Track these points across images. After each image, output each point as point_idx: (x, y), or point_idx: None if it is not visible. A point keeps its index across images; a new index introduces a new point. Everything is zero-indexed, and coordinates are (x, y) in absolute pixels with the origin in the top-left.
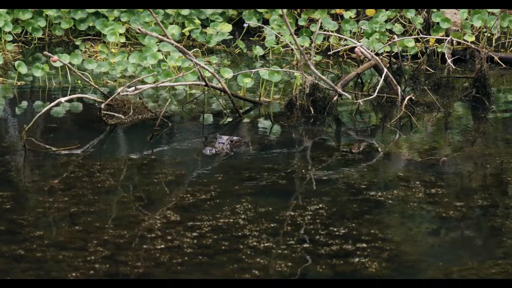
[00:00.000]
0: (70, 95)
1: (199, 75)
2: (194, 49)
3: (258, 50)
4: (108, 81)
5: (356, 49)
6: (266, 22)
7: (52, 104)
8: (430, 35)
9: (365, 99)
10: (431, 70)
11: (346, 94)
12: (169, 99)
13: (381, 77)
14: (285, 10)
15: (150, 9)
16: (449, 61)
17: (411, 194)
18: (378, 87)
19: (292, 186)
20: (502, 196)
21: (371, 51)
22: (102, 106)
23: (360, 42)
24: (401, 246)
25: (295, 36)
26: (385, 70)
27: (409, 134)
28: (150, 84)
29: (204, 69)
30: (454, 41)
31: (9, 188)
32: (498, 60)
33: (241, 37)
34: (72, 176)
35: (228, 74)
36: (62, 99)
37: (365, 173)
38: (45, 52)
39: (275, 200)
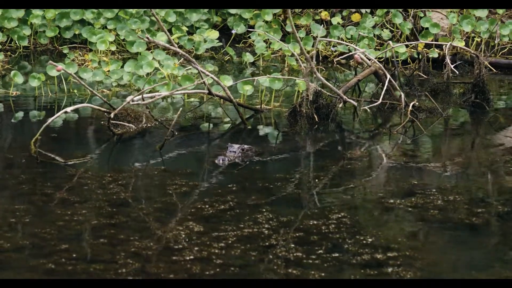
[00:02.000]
0: (67, 104)
1: (204, 84)
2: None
3: (248, 57)
4: (104, 90)
5: (355, 56)
6: (251, 28)
7: (58, 114)
8: (418, 40)
9: (370, 105)
10: (423, 75)
11: (352, 101)
12: (181, 108)
13: (383, 83)
14: (291, 17)
15: (157, 18)
16: (451, 66)
17: (429, 202)
18: (382, 93)
19: (308, 195)
20: None
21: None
22: (112, 115)
23: (360, 48)
24: (432, 255)
25: (301, 43)
26: (388, 76)
27: (417, 140)
28: (160, 93)
29: (209, 77)
30: (443, 47)
31: (24, 201)
32: (488, 65)
33: (228, 44)
34: (86, 188)
35: (228, 81)
36: (68, 109)
37: (379, 181)
38: (50, 62)
39: (295, 209)
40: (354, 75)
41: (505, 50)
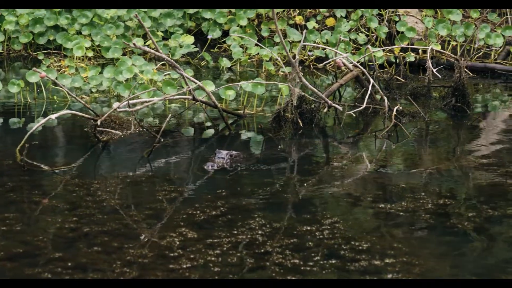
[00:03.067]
0: (47, 111)
1: (188, 89)
2: (161, 62)
3: (225, 62)
4: (83, 96)
5: (337, 61)
6: (226, 33)
7: (43, 121)
8: (394, 44)
9: (355, 110)
10: (401, 79)
11: (337, 105)
12: (170, 115)
13: (365, 88)
14: (277, 21)
15: (142, 23)
16: (433, 70)
17: (420, 206)
18: (366, 98)
19: (298, 200)
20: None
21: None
22: (99, 122)
23: (343, 53)
24: (429, 261)
25: (287, 48)
26: (372, 81)
27: (402, 145)
28: (147, 99)
29: (193, 83)
30: (419, 51)
31: (13, 209)
32: (465, 69)
33: (204, 49)
34: (74, 195)
35: (211, 86)
36: (53, 116)
37: (368, 185)
38: (34, 68)
39: (286, 215)
40: (335, 80)
41: (480, 54)
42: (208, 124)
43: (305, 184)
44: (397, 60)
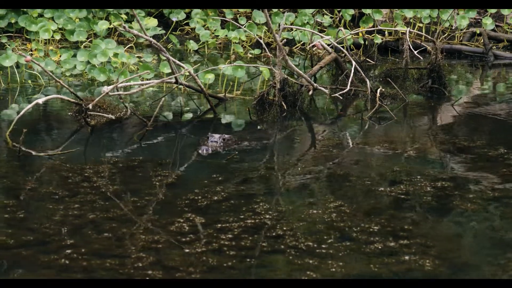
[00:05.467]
0: (21, 95)
1: (174, 72)
2: (128, 45)
3: (193, 45)
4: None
5: (316, 43)
6: (187, 16)
7: (30, 105)
8: (359, 26)
9: (341, 93)
10: (370, 61)
11: (322, 88)
12: (163, 99)
13: (342, 70)
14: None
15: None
16: (415, 52)
17: (419, 189)
18: (350, 80)
19: (298, 184)
20: (508, 185)
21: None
22: (90, 106)
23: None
24: (443, 242)
25: (274, 31)
26: (354, 63)
27: (389, 126)
28: (136, 83)
29: (180, 67)
30: (386, 32)
31: (10, 196)
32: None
33: (169, 31)
34: (70, 181)
35: (189, 69)
36: (39, 100)
37: (363, 168)
38: (20, 52)
39: (289, 198)
40: (310, 62)
41: (445, 35)
42: (187, 108)
43: (301, 167)
44: (366, 42)
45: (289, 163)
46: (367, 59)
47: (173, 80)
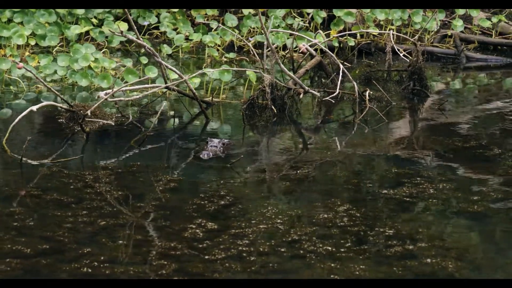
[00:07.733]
0: (5, 100)
1: (164, 78)
2: (102, 50)
3: (166, 49)
4: (38, 85)
5: (301, 46)
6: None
7: (24, 113)
8: (331, 29)
9: (331, 96)
10: (348, 64)
11: (313, 91)
12: (164, 104)
13: (327, 74)
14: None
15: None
16: (401, 55)
17: (422, 191)
18: (338, 83)
19: (303, 188)
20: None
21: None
22: (89, 112)
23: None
24: (460, 243)
25: (268, 35)
26: (342, 66)
27: (381, 129)
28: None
29: (172, 72)
30: (357, 35)
31: (16, 204)
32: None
33: (141, 35)
34: (72, 188)
35: (175, 75)
36: (34, 107)
37: (363, 170)
38: (12, 59)
39: (297, 203)
40: (291, 66)
41: (416, 37)
42: (177, 113)
43: (303, 171)
44: (341, 45)
45: (291, 167)
46: (345, 62)
47: (170, 86)
